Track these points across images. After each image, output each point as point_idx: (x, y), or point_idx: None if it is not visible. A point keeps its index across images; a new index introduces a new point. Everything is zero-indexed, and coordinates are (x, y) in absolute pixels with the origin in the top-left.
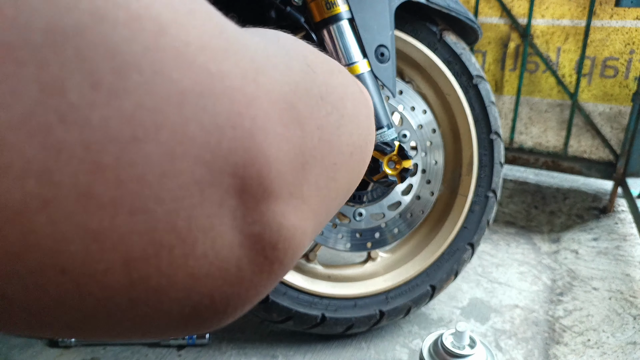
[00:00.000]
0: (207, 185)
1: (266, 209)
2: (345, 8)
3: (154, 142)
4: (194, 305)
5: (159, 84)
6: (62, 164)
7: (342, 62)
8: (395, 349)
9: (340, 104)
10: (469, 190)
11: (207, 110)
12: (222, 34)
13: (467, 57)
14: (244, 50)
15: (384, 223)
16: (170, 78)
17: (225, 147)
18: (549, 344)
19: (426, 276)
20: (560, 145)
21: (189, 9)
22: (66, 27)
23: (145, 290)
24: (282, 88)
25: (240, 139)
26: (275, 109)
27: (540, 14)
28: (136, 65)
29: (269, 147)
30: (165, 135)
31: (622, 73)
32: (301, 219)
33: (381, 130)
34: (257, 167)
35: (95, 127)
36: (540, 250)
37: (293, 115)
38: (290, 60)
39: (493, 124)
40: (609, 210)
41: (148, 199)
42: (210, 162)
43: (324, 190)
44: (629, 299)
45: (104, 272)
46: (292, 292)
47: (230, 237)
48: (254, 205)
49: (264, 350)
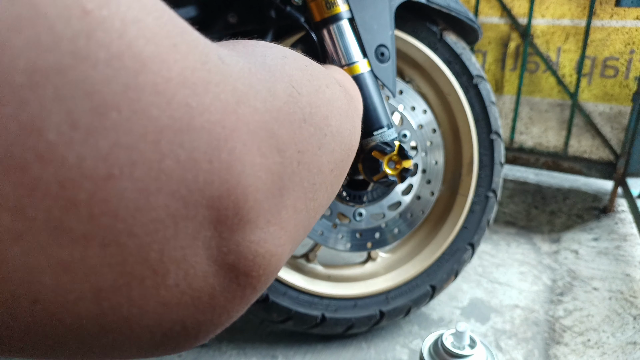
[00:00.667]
0: (182, 218)
1: (242, 238)
2: (345, 8)
3: (128, 179)
4: (165, 332)
5: (137, 122)
6: (37, 200)
7: (342, 62)
8: (396, 349)
9: (323, 123)
10: (469, 190)
11: (185, 145)
12: (205, 65)
13: (468, 57)
14: (226, 81)
15: (384, 223)
16: (148, 115)
17: (201, 181)
18: (549, 344)
19: (426, 276)
20: (560, 145)
21: (173, 43)
22: (47, 68)
23: (116, 318)
24: (262, 117)
25: (217, 172)
26: (254, 139)
27: (541, 13)
28: (115, 104)
29: (247, 177)
30: (141, 172)
31: (622, 73)
32: (277, 245)
33: (381, 130)
34: (234, 198)
35: (71, 166)
36: (540, 250)
37: (273, 142)
38: (275, 84)
39: (493, 124)
40: (609, 210)
41: (120, 233)
42: (186, 196)
43: (302, 213)
44: (629, 299)
45: (75, 302)
46: (292, 292)
47: (204, 267)
48: (229, 235)
49: (264, 350)
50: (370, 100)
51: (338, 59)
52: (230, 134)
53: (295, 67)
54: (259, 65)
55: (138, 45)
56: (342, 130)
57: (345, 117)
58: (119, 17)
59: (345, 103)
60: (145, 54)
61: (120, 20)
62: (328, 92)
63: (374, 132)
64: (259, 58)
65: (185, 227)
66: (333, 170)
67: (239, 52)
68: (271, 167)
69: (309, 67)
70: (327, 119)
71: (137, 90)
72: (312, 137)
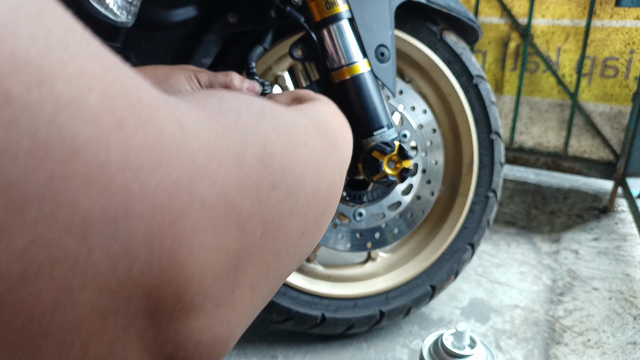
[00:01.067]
0: (110, 312)
1: (182, 326)
2: (345, 8)
3: (47, 277)
4: None
5: (60, 215)
6: None
7: (342, 62)
8: (396, 349)
9: (297, 187)
10: (469, 190)
11: (118, 235)
12: (158, 139)
13: (468, 57)
14: (182, 155)
15: (384, 223)
16: (76, 207)
17: (136, 271)
18: (549, 344)
19: (426, 276)
20: (560, 145)
21: (118, 120)
22: None
23: None
24: (223, 190)
25: (157, 260)
26: (208, 217)
27: (541, 13)
28: (35, 197)
29: (193, 262)
30: (62, 270)
31: (622, 73)
32: (225, 329)
33: (381, 130)
34: (175, 286)
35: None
36: (540, 250)
37: (232, 217)
38: (244, 149)
39: (493, 124)
40: (609, 210)
41: (35, 336)
42: (116, 290)
43: (261, 286)
44: (629, 299)
45: None
46: (292, 292)
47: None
48: (168, 324)
49: (264, 350)
50: (370, 100)
51: (338, 59)
52: (177, 216)
53: (271, 126)
54: (230, 126)
55: (72, 129)
56: (318, 190)
57: (324, 174)
58: (51, 99)
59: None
60: (80, 138)
61: (53, 103)
62: (306, 150)
63: (374, 132)
64: (231, 117)
65: (115, 321)
66: (304, 234)
67: (210, 111)
68: (227, 245)
69: (287, 122)
70: (301, 181)
71: (65, 179)
72: (281, 203)
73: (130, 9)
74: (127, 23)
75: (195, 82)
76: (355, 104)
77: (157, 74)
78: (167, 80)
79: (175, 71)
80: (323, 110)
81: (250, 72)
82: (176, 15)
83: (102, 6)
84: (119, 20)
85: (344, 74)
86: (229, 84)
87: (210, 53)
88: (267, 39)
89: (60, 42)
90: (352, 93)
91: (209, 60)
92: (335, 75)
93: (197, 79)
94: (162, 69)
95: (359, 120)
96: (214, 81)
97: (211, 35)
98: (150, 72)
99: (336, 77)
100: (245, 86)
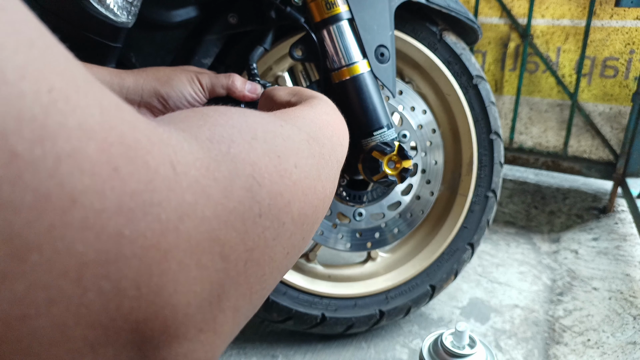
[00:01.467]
0: (101, 345)
1: (168, 353)
2: (345, 8)
3: (44, 317)
4: None
5: (58, 261)
6: None
7: (342, 63)
8: (395, 349)
9: (283, 212)
10: (468, 190)
11: (110, 276)
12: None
13: (467, 57)
14: (171, 196)
15: (384, 223)
16: (72, 252)
17: (126, 307)
18: (549, 344)
19: (426, 276)
20: (560, 145)
21: (114, 167)
22: None
23: None
24: (209, 225)
25: (144, 297)
26: (194, 253)
27: (540, 14)
28: (36, 246)
29: (178, 295)
30: (58, 310)
31: (622, 73)
32: (208, 351)
33: (381, 130)
34: (161, 318)
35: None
36: (540, 250)
37: (216, 250)
38: (234, 180)
39: (493, 124)
40: (609, 210)
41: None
42: (107, 325)
43: (244, 309)
44: (629, 299)
45: None
46: (292, 291)
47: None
48: (155, 353)
49: (264, 350)
50: (370, 100)
51: (338, 60)
52: (164, 255)
53: (262, 151)
54: (221, 157)
55: (71, 181)
56: (307, 210)
57: (313, 193)
58: (53, 154)
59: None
60: (78, 188)
61: (54, 158)
62: (296, 173)
63: (374, 133)
64: (223, 147)
65: (105, 352)
66: (289, 254)
67: (202, 140)
68: (211, 276)
69: (279, 145)
70: (288, 205)
71: (63, 228)
72: (267, 230)
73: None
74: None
75: (197, 84)
76: (355, 104)
77: (159, 76)
78: (169, 83)
79: (177, 73)
80: (321, 112)
81: (251, 73)
82: (176, 16)
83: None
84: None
85: (344, 74)
86: (230, 86)
87: (211, 53)
88: (268, 39)
89: (63, 96)
90: (352, 93)
91: (209, 61)
92: (335, 75)
93: (199, 81)
94: (164, 71)
95: (359, 120)
96: (215, 83)
97: (211, 36)
98: (152, 74)
99: (336, 78)
100: (247, 88)
